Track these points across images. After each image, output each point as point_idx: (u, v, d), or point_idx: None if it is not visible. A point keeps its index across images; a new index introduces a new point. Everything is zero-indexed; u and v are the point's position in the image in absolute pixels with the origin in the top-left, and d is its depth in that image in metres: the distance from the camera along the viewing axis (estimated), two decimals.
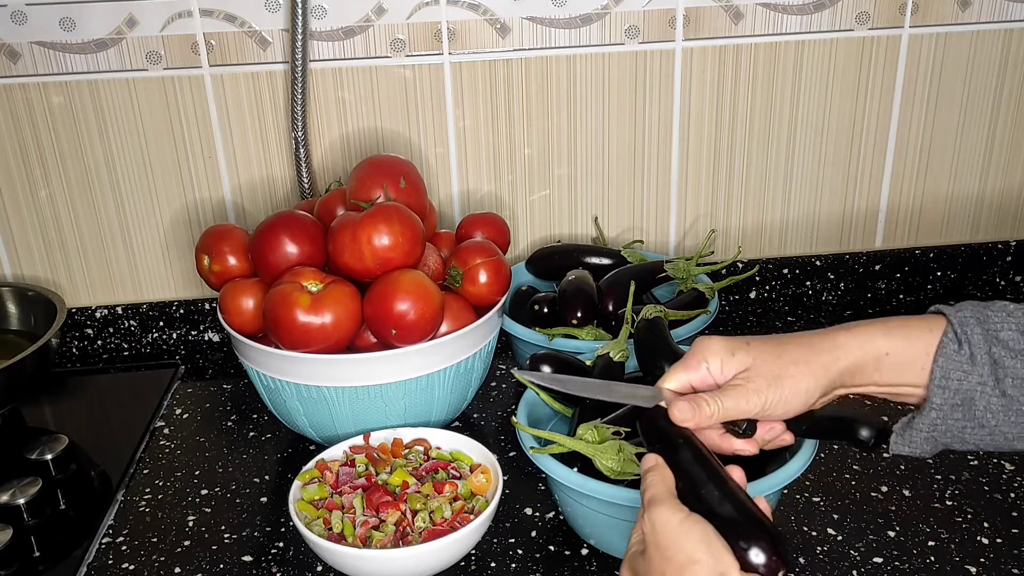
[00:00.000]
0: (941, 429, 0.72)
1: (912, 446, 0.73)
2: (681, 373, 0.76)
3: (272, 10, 1.15)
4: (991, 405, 0.70)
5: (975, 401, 0.70)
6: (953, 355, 0.70)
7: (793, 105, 1.26)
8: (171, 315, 1.28)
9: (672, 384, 0.76)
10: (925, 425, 0.72)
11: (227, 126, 1.21)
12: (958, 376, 0.70)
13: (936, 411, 0.71)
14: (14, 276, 1.26)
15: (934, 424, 0.72)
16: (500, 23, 1.18)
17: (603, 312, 1.11)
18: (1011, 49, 1.26)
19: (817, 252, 1.35)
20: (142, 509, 0.97)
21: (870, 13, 1.22)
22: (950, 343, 0.71)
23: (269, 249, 0.99)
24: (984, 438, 0.71)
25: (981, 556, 0.86)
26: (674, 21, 1.20)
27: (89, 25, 1.14)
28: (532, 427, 0.91)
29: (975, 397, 0.70)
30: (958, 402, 0.71)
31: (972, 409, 0.70)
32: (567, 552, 0.89)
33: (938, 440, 0.72)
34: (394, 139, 1.23)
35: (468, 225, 1.12)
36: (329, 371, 0.96)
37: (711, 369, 0.75)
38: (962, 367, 0.70)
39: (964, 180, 1.33)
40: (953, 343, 0.71)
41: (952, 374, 0.70)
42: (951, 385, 0.70)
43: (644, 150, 1.27)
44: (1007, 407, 0.70)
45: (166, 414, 1.14)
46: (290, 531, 0.93)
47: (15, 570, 0.90)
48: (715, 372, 0.75)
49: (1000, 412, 0.70)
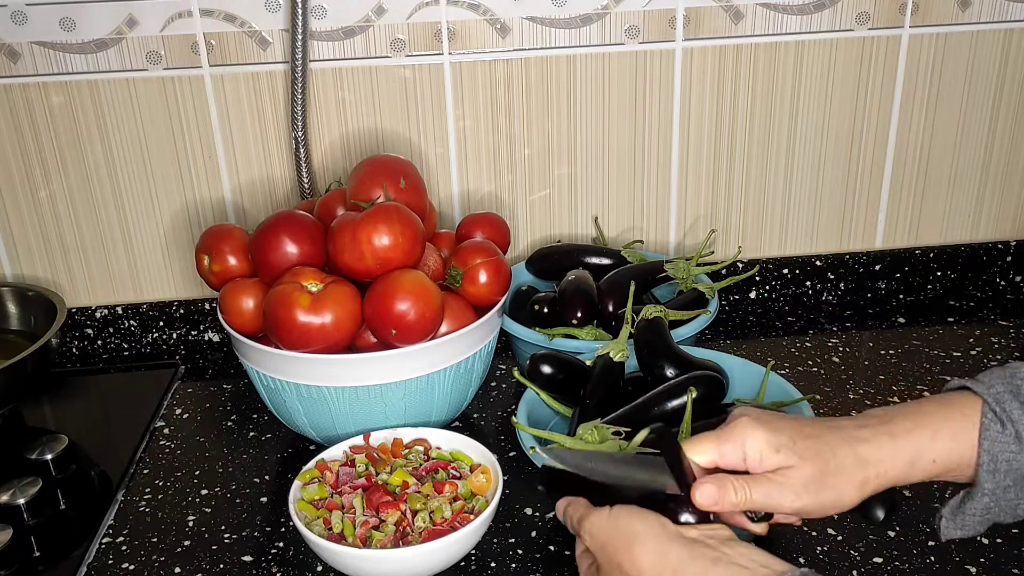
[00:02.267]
0: (995, 511, 0.70)
1: (964, 530, 0.72)
2: (713, 449, 0.71)
3: (272, 10, 1.15)
4: None
5: None
6: (998, 437, 0.69)
7: (793, 105, 1.26)
8: (171, 315, 1.28)
9: (700, 457, 0.71)
10: (978, 510, 0.70)
11: (227, 126, 1.21)
12: (1007, 458, 0.68)
13: (989, 496, 0.70)
14: (14, 276, 1.26)
15: (988, 508, 0.70)
16: (500, 23, 1.18)
17: (603, 312, 1.11)
18: (1011, 49, 1.26)
19: (817, 252, 1.35)
20: (142, 509, 0.97)
21: (870, 13, 1.22)
22: (992, 424, 0.69)
23: (269, 249, 0.99)
24: None
25: (981, 556, 0.86)
26: (674, 21, 1.20)
27: (89, 25, 1.14)
28: (532, 427, 0.91)
29: None
30: (1010, 483, 0.69)
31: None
32: (567, 552, 0.89)
33: (991, 520, 0.71)
34: (394, 139, 1.23)
35: (468, 225, 1.12)
36: (329, 371, 0.96)
37: (748, 457, 0.70)
38: (1009, 447, 0.68)
39: (964, 180, 1.33)
40: (996, 424, 0.69)
41: (1000, 456, 0.69)
42: (1001, 468, 0.69)
43: (644, 150, 1.27)
44: None
45: (166, 414, 1.14)
46: (290, 531, 0.93)
47: (15, 570, 0.90)
48: (752, 461, 0.70)
49: None
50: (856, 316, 1.31)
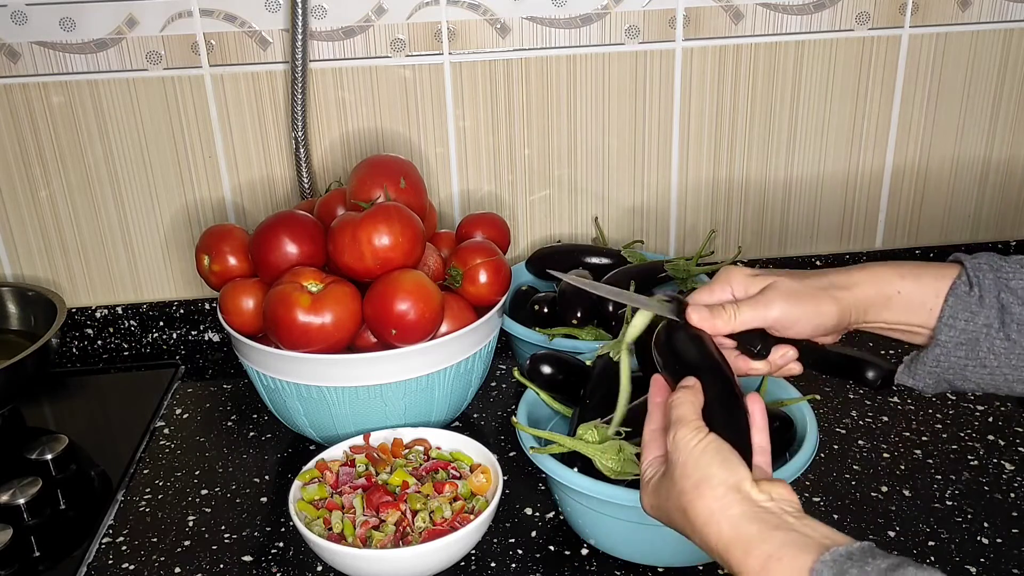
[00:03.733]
0: (944, 365, 0.75)
1: (916, 379, 0.78)
2: (705, 295, 0.79)
3: (272, 10, 1.15)
4: (995, 347, 0.73)
5: (979, 342, 0.74)
6: (963, 296, 0.74)
7: (793, 105, 1.26)
8: (171, 315, 1.28)
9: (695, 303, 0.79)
10: (930, 359, 0.76)
11: (227, 126, 1.21)
12: (965, 316, 0.74)
13: (941, 347, 0.75)
14: (14, 276, 1.26)
15: (938, 359, 0.75)
16: (500, 23, 1.18)
17: (603, 312, 1.11)
18: (1011, 49, 1.26)
19: (817, 252, 1.35)
20: (142, 509, 0.97)
21: (870, 13, 1.22)
22: (962, 285, 0.75)
23: (269, 249, 0.99)
24: (984, 378, 0.75)
25: (981, 556, 0.86)
26: (674, 21, 1.20)
27: (89, 25, 1.14)
28: (532, 427, 0.91)
29: (980, 338, 0.74)
30: (963, 341, 0.74)
31: (976, 349, 0.74)
32: (567, 552, 0.89)
33: (941, 376, 0.76)
34: (394, 139, 1.23)
35: (468, 225, 1.12)
36: (329, 371, 0.96)
37: (735, 293, 0.78)
38: (970, 308, 0.74)
39: (964, 180, 1.33)
40: (964, 285, 0.74)
41: (960, 314, 0.74)
42: (958, 324, 0.74)
43: (644, 150, 1.27)
44: (1009, 350, 0.73)
45: (166, 414, 1.14)
46: (290, 531, 0.93)
47: (15, 570, 0.90)
48: (738, 294, 0.78)
49: (1003, 354, 0.73)
50: None
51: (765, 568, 0.59)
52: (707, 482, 0.64)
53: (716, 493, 0.64)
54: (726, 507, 0.63)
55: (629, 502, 0.80)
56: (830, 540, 0.59)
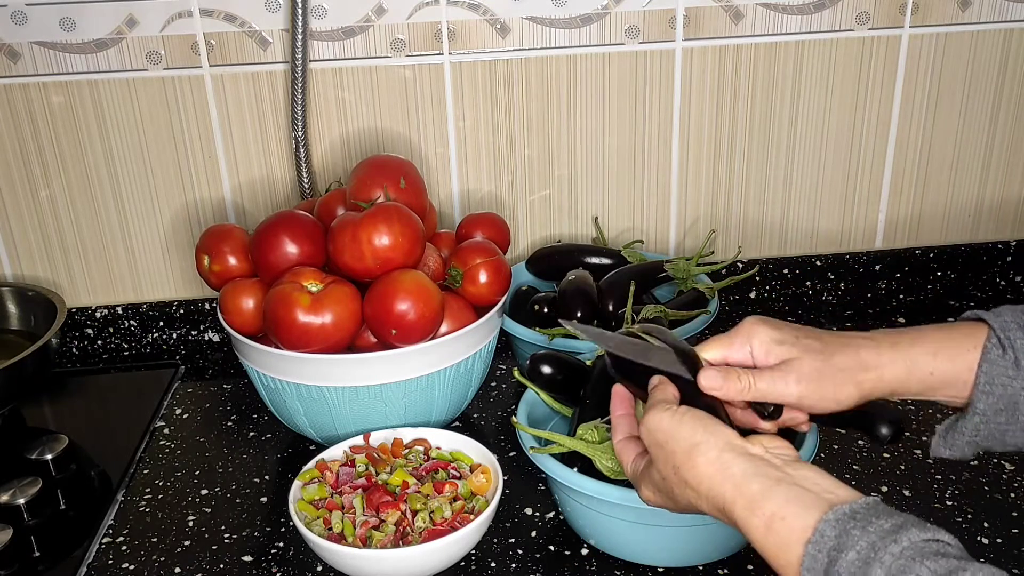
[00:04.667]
0: (984, 433, 0.72)
1: (954, 450, 0.74)
2: (722, 348, 0.75)
3: (272, 10, 1.15)
4: None
5: (1019, 405, 0.70)
6: (997, 361, 0.70)
7: (793, 105, 1.26)
8: (171, 315, 1.28)
9: (710, 354, 0.75)
10: (968, 430, 0.72)
11: (227, 126, 1.21)
12: (1003, 382, 0.70)
13: (980, 416, 0.71)
14: (14, 276, 1.26)
15: (977, 428, 0.72)
16: (500, 23, 1.18)
17: (603, 312, 1.11)
18: (1011, 49, 1.26)
19: (817, 252, 1.35)
20: (142, 509, 0.97)
21: (870, 13, 1.22)
22: (994, 348, 0.71)
23: (269, 249, 0.99)
24: None
25: (981, 556, 0.86)
26: (674, 21, 1.20)
27: (89, 25, 1.14)
28: (532, 427, 0.91)
29: (1019, 401, 0.70)
30: (1002, 407, 0.71)
31: (1016, 413, 0.71)
32: (567, 552, 0.89)
33: (980, 444, 0.73)
34: (394, 139, 1.23)
35: (468, 225, 1.12)
36: (329, 371, 0.96)
37: (755, 353, 0.74)
38: (1007, 372, 0.70)
39: (964, 180, 1.33)
40: (997, 348, 0.71)
41: (997, 379, 0.70)
42: (995, 391, 0.70)
43: (644, 150, 1.27)
44: None
45: (166, 414, 1.14)
46: (290, 531, 0.93)
47: (15, 570, 0.90)
48: (758, 356, 0.74)
49: None
50: (856, 316, 1.31)
51: (770, 528, 0.59)
52: (696, 448, 0.64)
53: (710, 457, 0.64)
54: (725, 467, 0.63)
55: (629, 502, 0.80)
56: (834, 495, 0.59)
